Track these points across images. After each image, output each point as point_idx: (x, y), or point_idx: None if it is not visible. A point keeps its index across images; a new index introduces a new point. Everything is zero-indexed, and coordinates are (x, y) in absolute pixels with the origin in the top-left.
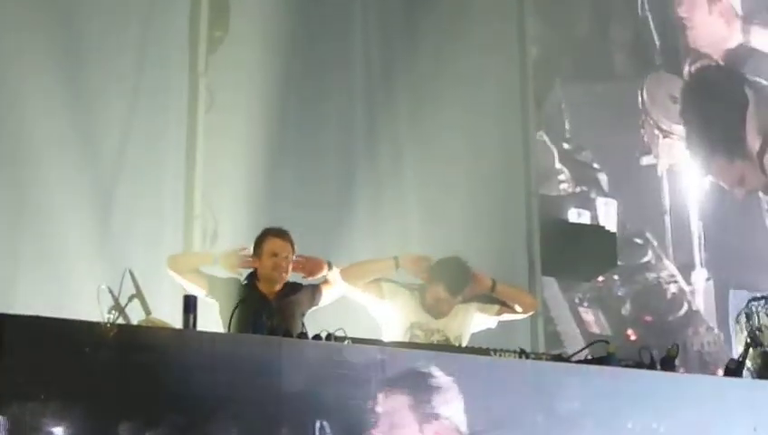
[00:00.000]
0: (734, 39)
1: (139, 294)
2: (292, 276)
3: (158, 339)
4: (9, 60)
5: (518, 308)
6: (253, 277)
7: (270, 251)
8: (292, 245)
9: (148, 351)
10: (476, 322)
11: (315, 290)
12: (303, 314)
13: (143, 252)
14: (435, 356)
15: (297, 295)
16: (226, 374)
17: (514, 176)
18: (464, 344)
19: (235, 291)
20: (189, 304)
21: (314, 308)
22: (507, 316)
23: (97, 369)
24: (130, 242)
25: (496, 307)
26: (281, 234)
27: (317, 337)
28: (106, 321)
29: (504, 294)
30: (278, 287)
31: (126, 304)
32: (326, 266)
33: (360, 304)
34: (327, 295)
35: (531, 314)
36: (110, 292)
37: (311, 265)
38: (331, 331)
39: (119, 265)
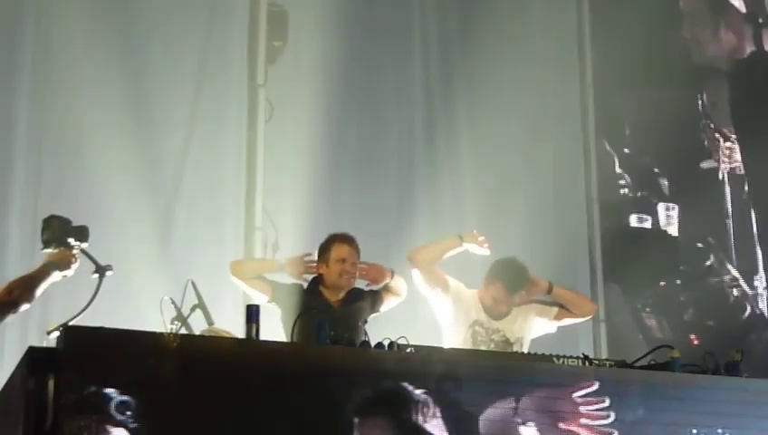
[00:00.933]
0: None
1: (201, 305)
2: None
3: (221, 349)
4: (77, 74)
5: (576, 311)
6: (317, 283)
7: (337, 257)
8: (358, 251)
9: (212, 361)
10: (536, 326)
11: (377, 296)
12: (366, 322)
13: (205, 263)
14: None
15: (360, 303)
16: (291, 385)
17: (575, 181)
18: (524, 347)
19: (299, 297)
20: (252, 313)
21: (374, 315)
22: (567, 321)
23: (161, 380)
24: (192, 253)
25: (555, 310)
26: (348, 239)
27: (379, 345)
28: (169, 331)
29: (562, 296)
30: (342, 295)
31: (188, 315)
32: (389, 274)
33: (417, 309)
34: (387, 303)
35: (589, 317)
36: (173, 303)
37: (374, 273)
38: (393, 338)
39: (181, 277)
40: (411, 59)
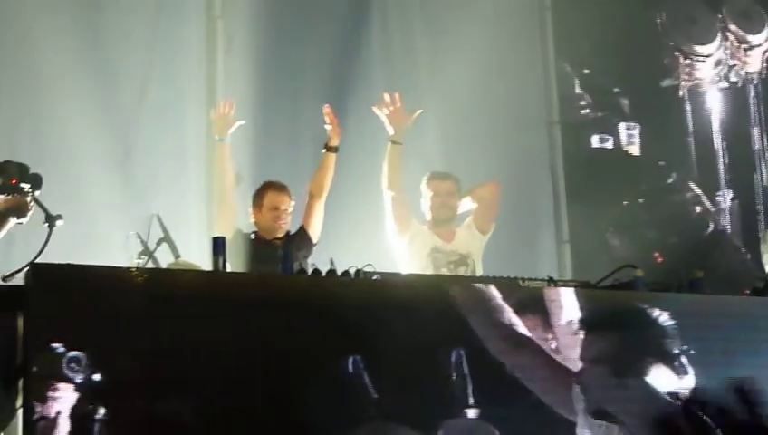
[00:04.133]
0: None
1: (167, 238)
2: None
3: (188, 282)
4: (32, 15)
5: (486, 197)
6: (255, 233)
7: (270, 205)
8: (290, 197)
9: (180, 294)
10: (479, 239)
11: (303, 232)
12: (306, 257)
13: (167, 196)
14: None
15: (297, 241)
16: (261, 314)
17: (535, 104)
18: (477, 261)
19: (248, 245)
20: (218, 245)
21: (315, 245)
22: (487, 214)
23: (129, 314)
24: (154, 186)
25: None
26: (280, 187)
27: (345, 273)
28: (135, 266)
29: (476, 195)
30: (281, 235)
31: (155, 249)
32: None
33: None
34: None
35: (496, 194)
36: (139, 237)
37: None
38: (359, 267)
39: (144, 211)
40: None
